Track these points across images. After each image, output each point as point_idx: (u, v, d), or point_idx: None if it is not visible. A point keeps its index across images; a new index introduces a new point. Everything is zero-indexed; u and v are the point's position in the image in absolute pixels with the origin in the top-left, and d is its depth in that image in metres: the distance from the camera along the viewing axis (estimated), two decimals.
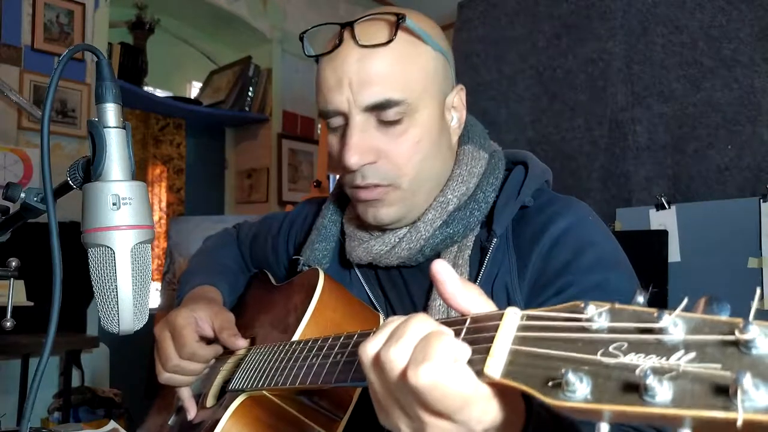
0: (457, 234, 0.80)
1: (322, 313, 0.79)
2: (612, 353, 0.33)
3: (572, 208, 0.80)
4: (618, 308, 0.35)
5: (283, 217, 1.11)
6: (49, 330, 0.56)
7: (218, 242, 1.20)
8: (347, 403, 0.73)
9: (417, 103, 0.76)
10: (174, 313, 0.89)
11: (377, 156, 0.77)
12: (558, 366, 0.35)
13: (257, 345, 0.86)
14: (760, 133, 2.27)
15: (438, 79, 0.79)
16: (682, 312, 0.33)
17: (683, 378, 0.30)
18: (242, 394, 0.76)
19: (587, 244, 0.75)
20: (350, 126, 0.76)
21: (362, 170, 0.78)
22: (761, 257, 2.17)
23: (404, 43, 0.75)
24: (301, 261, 0.92)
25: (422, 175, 0.79)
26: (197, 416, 0.89)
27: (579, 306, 0.37)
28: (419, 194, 0.80)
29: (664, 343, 0.32)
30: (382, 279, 0.90)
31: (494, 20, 3.19)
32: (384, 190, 0.79)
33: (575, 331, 0.36)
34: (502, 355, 0.39)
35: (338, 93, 0.76)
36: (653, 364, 0.31)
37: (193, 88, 4.00)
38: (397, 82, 0.74)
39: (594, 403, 0.32)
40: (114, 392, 2.72)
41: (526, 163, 0.85)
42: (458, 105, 0.84)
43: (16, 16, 2.63)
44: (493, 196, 0.81)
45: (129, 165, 0.60)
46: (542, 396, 0.34)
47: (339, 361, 0.58)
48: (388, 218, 0.81)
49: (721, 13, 2.38)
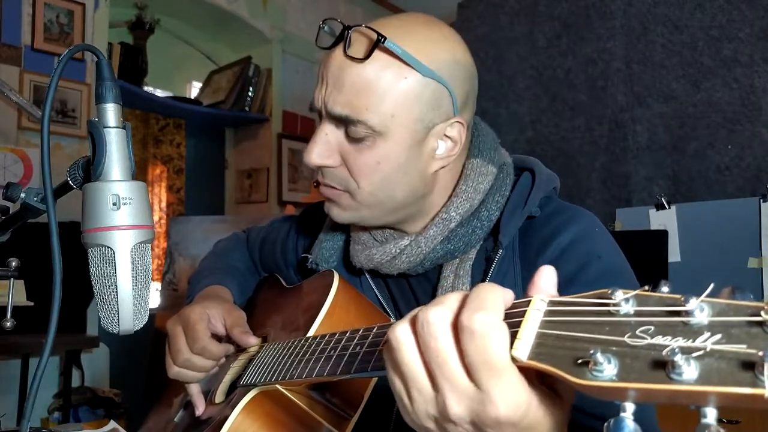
0: (457, 250, 0.80)
1: (335, 313, 0.79)
2: (639, 336, 0.34)
3: (579, 219, 0.80)
4: (644, 294, 0.36)
5: (292, 220, 1.12)
6: (49, 330, 0.56)
7: (228, 245, 1.21)
8: (358, 402, 0.73)
9: (382, 128, 0.73)
10: (187, 309, 0.89)
11: (339, 162, 0.77)
12: (585, 347, 0.35)
13: (270, 342, 0.86)
14: (760, 133, 2.27)
15: (419, 106, 0.73)
16: (707, 298, 0.33)
17: (710, 357, 0.31)
18: (254, 389, 0.76)
19: (593, 256, 0.76)
20: (320, 128, 0.77)
21: (322, 170, 0.79)
22: (761, 257, 2.17)
23: (383, 64, 0.72)
24: (310, 259, 0.93)
25: (378, 194, 0.78)
26: (205, 412, 0.89)
27: (606, 293, 0.38)
28: (375, 209, 0.80)
29: (690, 326, 0.33)
30: (391, 286, 0.91)
31: (494, 20, 3.19)
32: (339, 192, 0.79)
33: (602, 316, 0.37)
34: (530, 337, 0.39)
35: (318, 90, 0.77)
36: (680, 344, 0.32)
37: (193, 88, 4.00)
38: (365, 102, 0.72)
39: (621, 382, 0.33)
40: (114, 392, 2.72)
41: (533, 170, 0.85)
42: (454, 137, 0.78)
43: (16, 16, 2.63)
44: (497, 214, 0.81)
45: (129, 165, 0.60)
46: (569, 376, 0.35)
47: (358, 352, 0.58)
48: (340, 219, 0.82)
49: (721, 13, 2.38)
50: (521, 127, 3.04)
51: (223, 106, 3.61)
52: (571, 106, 2.85)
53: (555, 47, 2.93)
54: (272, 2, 3.71)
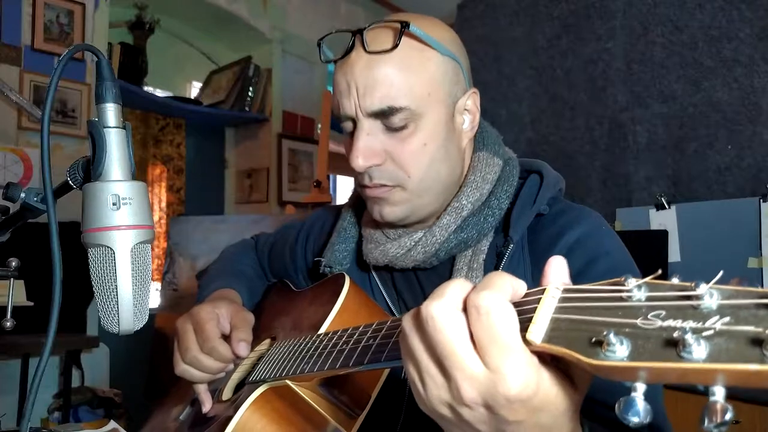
0: (471, 239, 0.81)
1: (345, 315, 0.79)
2: (651, 319, 0.35)
3: (587, 217, 0.82)
4: (656, 282, 0.38)
5: (301, 225, 1.13)
6: (49, 330, 0.56)
7: (237, 251, 1.22)
8: (366, 401, 0.74)
9: (422, 108, 0.77)
10: (197, 308, 0.90)
11: (384, 158, 0.79)
12: (599, 330, 0.37)
13: (279, 341, 0.86)
14: (760, 133, 2.27)
15: (446, 83, 0.80)
16: (716, 284, 0.35)
17: (719, 336, 0.32)
18: (263, 385, 0.76)
19: (601, 253, 0.77)
20: (358, 130, 0.79)
21: (369, 171, 0.80)
22: (761, 257, 2.17)
23: (409, 50, 0.76)
24: (323, 262, 0.94)
25: (429, 178, 0.80)
26: (212, 409, 0.89)
27: (620, 281, 0.39)
28: (425, 196, 0.82)
29: (700, 310, 0.34)
30: (398, 281, 0.92)
31: (494, 20, 3.19)
32: (389, 189, 0.81)
33: (615, 301, 0.38)
34: (544, 322, 0.40)
35: (347, 98, 0.78)
36: (691, 325, 0.33)
37: (193, 88, 4.00)
38: (401, 88, 0.76)
39: (633, 362, 0.34)
40: (114, 392, 2.72)
41: (540, 171, 0.87)
42: (471, 108, 0.84)
43: (16, 16, 2.63)
44: (507, 203, 0.83)
45: (129, 165, 0.60)
46: (582, 357, 0.36)
47: (371, 345, 0.58)
48: (392, 216, 0.83)
49: (721, 13, 2.38)
50: (521, 127, 3.04)
51: (223, 106, 3.61)
52: (571, 106, 2.85)
53: (555, 47, 2.93)
54: (272, 2, 3.72)
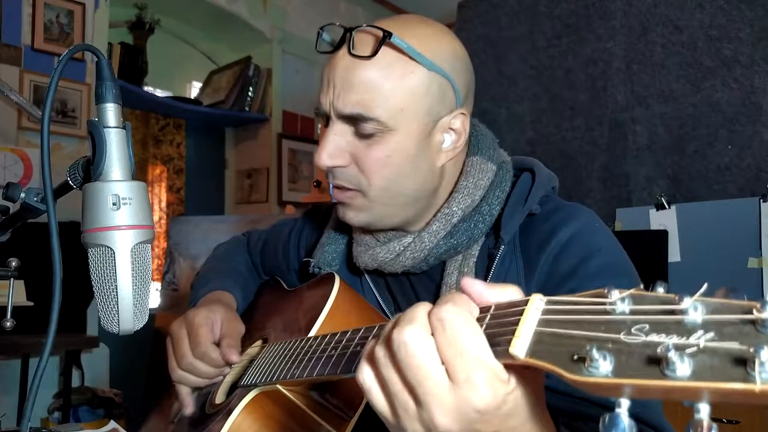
0: (460, 245, 0.81)
1: (336, 316, 0.79)
2: (634, 333, 0.35)
3: (579, 214, 0.81)
4: (640, 294, 0.37)
5: (293, 223, 1.12)
6: (49, 330, 0.56)
7: (229, 249, 1.21)
8: (357, 403, 0.73)
9: (393, 122, 0.75)
10: (192, 312, 0.90)
11: (349, 161, 0.78)
12: (582, 345, 0.36)
13: (270, 344, 0.86)
14: (760, 133, 2.27)
15: (427, 100, 0.76)
16: (701, 297, 0.34)
17: (702, 354, 0.32)
18: (255, 389, 0.76)
19: (594, 250, 0.76)
20: (329, 128, 0.78)
21: (333, 171, 0.80)
22: (761, 257, 2.17)
23: (390, 60, 0.74)
24: (312, 263, 0.94)
25: (390, 189, 0.79)
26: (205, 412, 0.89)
27: (603, 292, 0.38)
28: (388, 206, 0.80)
29: (684, 324, 0.33)
30: (391, 284, 0.91)
31: (494, 20, 3.19)
32: (351, 194, 0.80)
33: (599, 314, 0.38)
34: (528, 335, 0.40)
35: (324, 94, 0.77)
36: (674, 341, 0.33)
37: (193, 88, 4.00)
38: (374, 98, 0.74)
39: (616, 378, 0.33)
40: (114, 392, 2.72)
41: (532, 170, 0.86)
42: (458, 129, 0.80)
43: (16, 16, 2.63)
44: (498, 209, 0.82)
45: (129, 165, 0.60)
46: (565, 372, 0.36)
47: (359, 351, 0.58)
48: (356, 221, 0.82)
49: (721, 13, 2.38)
50: (521, 127, 3.04)
51: (223, 106, 3.61)
52: (571, 106, 2.85)
53: (555, 47, 2.93)
54: (272, 2, 3.71)
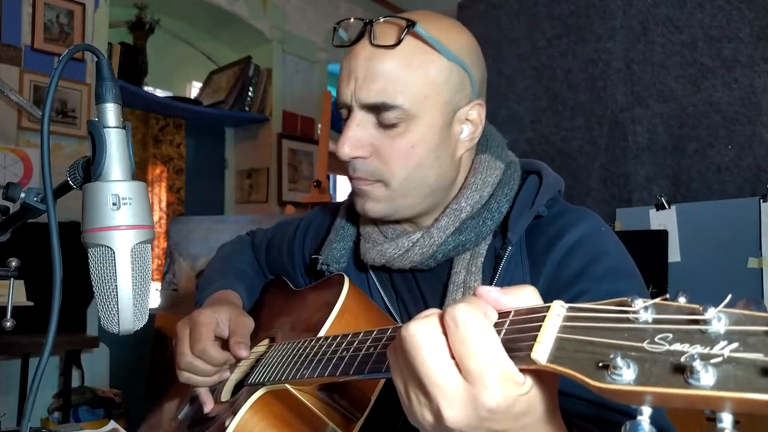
0: (469, 241, 0.81)
1: (345, 317, 0.79)
2: (658, 342, 0.35)
3: (585, 218, 0.81)
4: (663, 303, 0.37)
5: (298, 222, 1.12)
6: (49, 330, 0.56)
7: (234, 249, 1.20)
8: (365, 404, 0.73)
9: (416, 110, 0.76)
10: (197, 312, 0.89)
11: (370, 152, 0.79)
12: (605, 352, 0.36)
13: (278, 343, 0.85)
14: (760, 133, 2.27)
15: (448, 89, 0.78)
16: (724, 308, 0.34)
17: (727, 364, 0.32)
18: (262, 388, 0.75)
19: (601, 253, 0.77)
20: (350, 119, 0.79)
21: (354, 163, 0.80)
22: (761, 257, 2.17)
23: (412, 49, 0.76)
24: (320, 260, 0.94)
25: (413, 180, 0.79)
26: (210, 410, 0.89)
27: (626, 300, 0.38)
28: (409, 197, 0.81)
29: (708, 335, 0.34)
30: (396, 282, 0.91)
31: (494, 20, 3.19)
32: (372, 184, 0.80)
33: (621, 322, 0.38)
34: (550, 341, 0.40)
35: (346, 86, 0.78)
36: (698, 351, 0.33)
37: (193, 88, 4.00)
38: (398, 87, 0.75)
39: (640, 386, 0.33)
40: (114, 392, 2.72)
41: (540, 172, 0.87)
42: (475, 119, 0.82)
43: (16, 16, 2.63)
44: (506, 206, 0.82)
45: (129, 165, 0.59)
46: (589, 379, 0.36)
47: (372, 353, 0.58)
48: (374, 212, 0.82)
49: (721, 13, 2.38)
50: (521, 127, 3.04)
51: (223, 106, 3.61)
52: (571, 106, 2.85)
53: (555, 47, 2.93)
54: (272, 2, 3.71)
